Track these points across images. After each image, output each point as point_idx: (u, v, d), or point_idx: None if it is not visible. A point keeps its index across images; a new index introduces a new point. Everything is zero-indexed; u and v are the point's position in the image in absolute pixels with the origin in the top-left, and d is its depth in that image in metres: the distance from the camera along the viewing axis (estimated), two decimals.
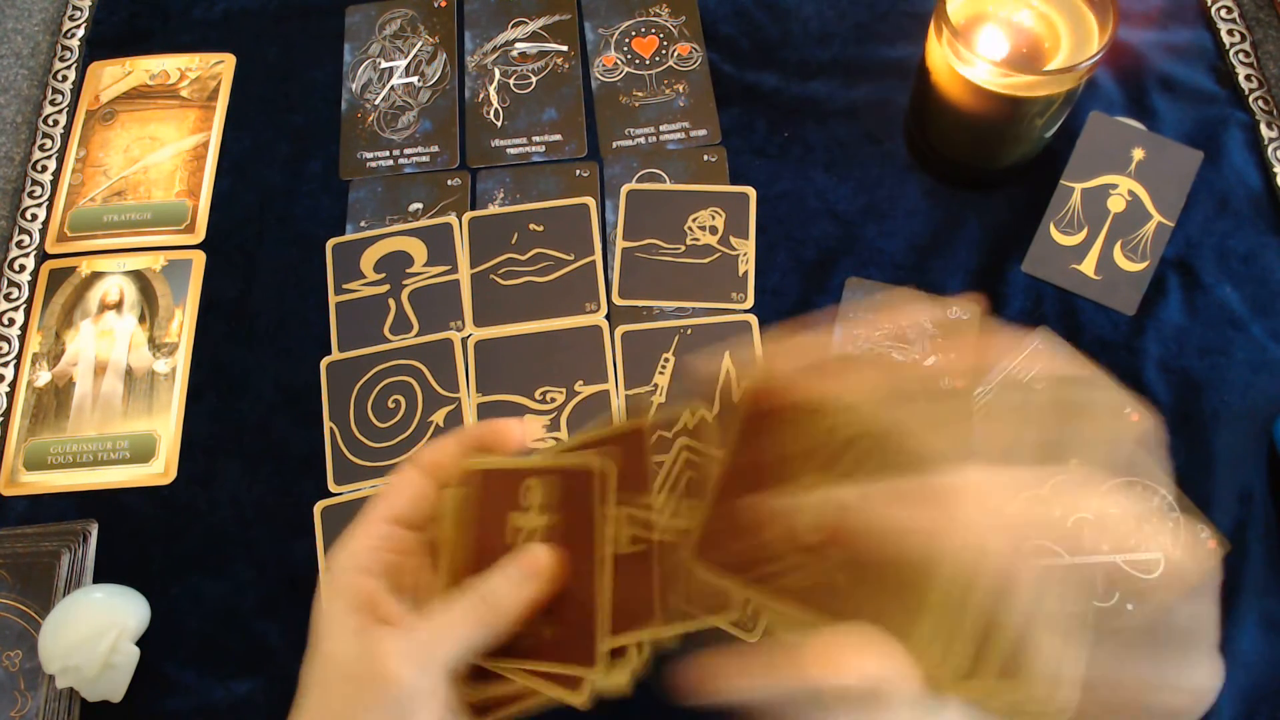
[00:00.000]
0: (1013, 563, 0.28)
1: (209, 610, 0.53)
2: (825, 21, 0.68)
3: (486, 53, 0.68)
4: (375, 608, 0.34)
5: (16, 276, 0.62)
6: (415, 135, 0.66)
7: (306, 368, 0.59)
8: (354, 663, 0.33)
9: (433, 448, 0.38)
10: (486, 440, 0.38)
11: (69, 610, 0.50)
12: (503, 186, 0.63)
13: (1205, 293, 0.57)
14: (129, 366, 0.59)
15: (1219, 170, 0.60)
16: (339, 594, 0.34)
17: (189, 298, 0.61)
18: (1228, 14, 0.65)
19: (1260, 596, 0.50)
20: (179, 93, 0.68)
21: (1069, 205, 0.59)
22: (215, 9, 0.71)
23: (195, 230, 0.63)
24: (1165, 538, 0.34)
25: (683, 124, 0.65)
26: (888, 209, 0.61)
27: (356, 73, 0.68)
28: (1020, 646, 0.28)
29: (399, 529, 0.36)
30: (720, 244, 0.60)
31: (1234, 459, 0.53)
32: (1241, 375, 0.55)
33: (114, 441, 0.57)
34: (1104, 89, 0.63)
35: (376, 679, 0.32)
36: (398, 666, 0.32)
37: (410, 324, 0.59)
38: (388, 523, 0.36)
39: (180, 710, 0.51)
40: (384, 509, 0.37)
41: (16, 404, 0.58)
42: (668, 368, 0.57)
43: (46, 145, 0.66)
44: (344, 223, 0.63)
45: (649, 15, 0.69)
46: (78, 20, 0.71)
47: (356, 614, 0.34)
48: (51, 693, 0.50)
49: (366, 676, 0.32)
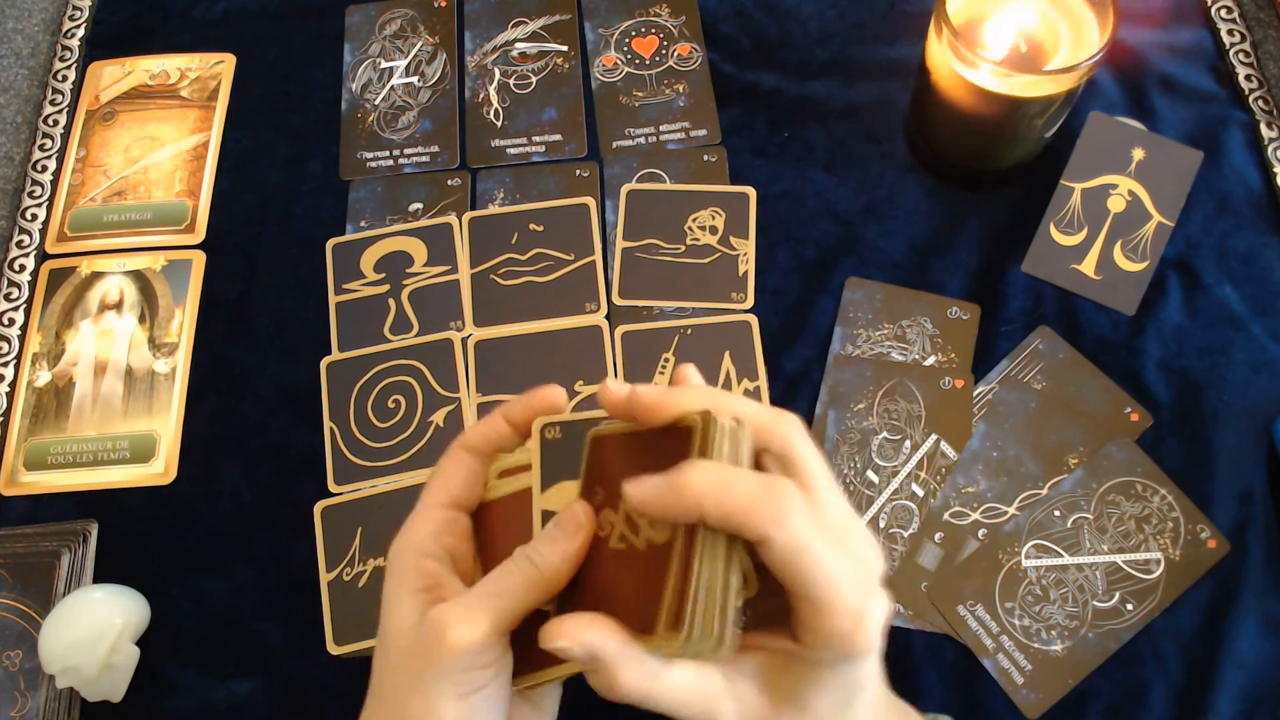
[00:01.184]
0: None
1: (209, 610, 0.53)
2: (825, 21, 0.68)
3: (486, 53, 0.68)
4: (439, 589, 0.35)
5: (16, 276, 0.62)
6: (415, 135, 0.66)
7: (306, 368, 0.59)
8: (414, 637, 0.33)
9: (479, 428, 0.38)
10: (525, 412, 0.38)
11: (69, 610, 0.50)
12: (503, 186, 0.63)
13: (1205, 293, 0.57)
14: (129, 366, 0.59)
15: (1219, 170, 0.60)
16: (401, 578, 0.35)
17: (189, 298, 0.61)
18: (1228, 14, 0.65)
19: (1260, 596, 0.50)
20: (179, 93, 0.68)
21: (1069, 205, 0.59)
22: (215, 9, 0.71)
23: (195, 230, 0.63)
24: None
25: (683, 124, 0.65)
26: (888, 209, 0.61)
27: (356, 73, 0.68)
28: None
29: (455, 512, 0.37)
30: (720, 244, 0.60)
31: (1234, 459, 0.53)
32: (1241, 375, 0.55)
33: (114, 441, 0.57)
34: (1104, 89, 0.63)
35: (435, 648, 0.32)
36: (455, 633, 0.32)
37: (410, 324, 0.59)
38: (444, 507, 0.37)
39: (180, 710, 0.51)
40: (439, 494, 0.37)
41: (16, 404, 0.58)
42: (668, 368, 0.57)
43: (46, 145, 0.66)
44: (344, 223, 0.63)
45: (649, 15, 0.69)
46: (78, 20, 0.71)
47: (418, 594, 0.34)
48: (51, 693, 0.50)
49: (426, 647, 0.32)
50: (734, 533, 0.30)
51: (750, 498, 0.29)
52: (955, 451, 0.54)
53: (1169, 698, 0.49)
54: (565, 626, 0.31)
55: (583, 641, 0.30)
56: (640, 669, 0.30)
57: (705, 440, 0.30)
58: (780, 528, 0.29)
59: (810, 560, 0.29)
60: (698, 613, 0.29)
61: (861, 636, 0.30)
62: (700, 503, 0.29)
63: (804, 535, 0.29)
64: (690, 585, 0.29)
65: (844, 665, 0.31)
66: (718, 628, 0.29)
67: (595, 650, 0.30)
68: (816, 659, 0.31)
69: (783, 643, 0.32)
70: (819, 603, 0.30)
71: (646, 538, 0.31)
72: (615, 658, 0.30)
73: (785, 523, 0.29)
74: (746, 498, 0.29)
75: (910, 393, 0.55)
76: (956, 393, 0.55)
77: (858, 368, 0.56)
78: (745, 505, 0.29)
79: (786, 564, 0.29)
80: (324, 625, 0.52)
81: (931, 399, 0.55)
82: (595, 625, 0.30)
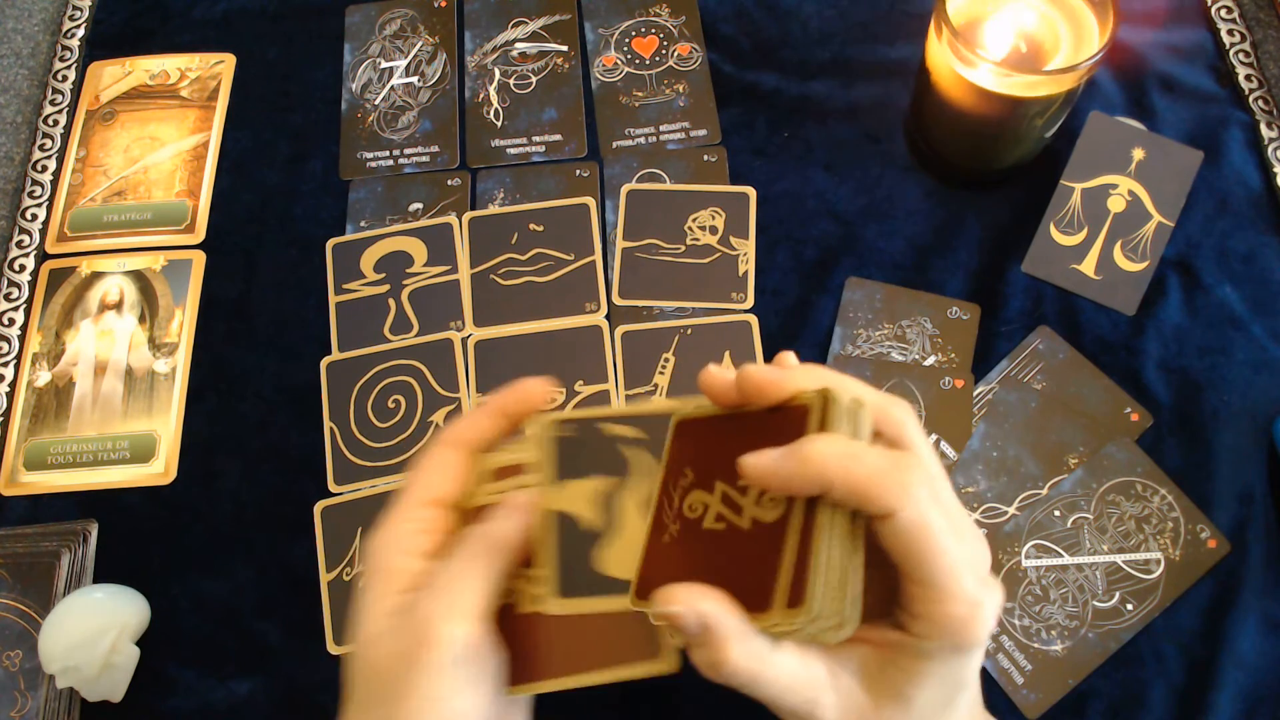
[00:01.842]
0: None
1: (209, 610, 0.53)
2: (825, 21, 0.68)
3: (486, 53, 0.68)
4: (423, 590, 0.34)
5: (16, 276, 0.62)
6: (415, 135, 0.66)
7: (306, 368, 0.59)
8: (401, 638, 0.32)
9: (463, 423, 0.37)
10: (511, 406, 0.37)
11: (69, 610, 0.50)
12: (503, 186, 0.63)
13: (1205, 293, 0.57)
14: (129, 366, 0.59)
15: (1219, 170, 0.60)
16: (384, 577, 0.34)
17: (189, 298, 0.61)
18: (1228, 14, 0.65)
19: (1260, 596, 0.50)
20: (179, 93, 0.68)
21: (1069, 205, 0.59)
22: (215, 9, 0.71)
23: (195, 230, 0.63)
24: None
25: (683, 124, 0.65)
26: (888, 209, 0.61)
27: (356, 73, 0.68)
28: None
29: (439, 510, 0.36)
30: (720, 244, 0.60)
31: (1234, 459, 0.53)
32: (1241, 375, 0.55)
33: (114, 441, 0.57)
34: (1104, 89, 0.63)
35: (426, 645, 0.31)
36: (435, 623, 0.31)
37: (410, 324, 0.59)
38: (427, 505, 0.36)
39: (180, 710, 0.51)
40: (420, 491, 0.36)
41: (16, 404, 0.58)
42: (668, 368, 0.57)
43: (46, 145, 0.66)
44: (344, 223, 0.63)
45: (649, 15, 0.69)
46: (78, 20, 0.71)
47: (402, 595, 0.33)
48: (51, 693, 0.50)
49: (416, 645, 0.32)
50: (858, 506, 0.29)
51: (878, 471, 0.28)
52: (955, 451, 0.54)
53: (1169, 698, 0.49)
54: (679, 592, 0.30)
55: (698, 609, 0.29)
56: (749, 648, 0.29)
57: (825, 417, 0.30)
58: (908, 503, 0.28)
59: (934, 541, 0.29)
60: (819, 589, 0.28)
61: (976, 626, 0.29)
62: (825, 473, 0.28)
63: (930, 514, 0.29)
64: (812, 560, 0.28)
65: (951, 658, 0.31)
66: (840, 606, 0.29)
67: (709, 620, 0.29)
68: (925, 650, 0.30)
69: (888, 634, 0.31)
70: (937, 587, 0.29)
71: (752, 516, 0.30)
72: (728, 631, 0.29)
73: (912, 499, 0.28)
74: (875, 470, 0.28)
75: (910, 393, 0.55)
76: (956, 393, 0.55)
77: (857, 368, 0.56)
78: (873, 477, 0.28)
79: (909, 544, 0.29)
80: (324, 625, 0.52)
81: (931, 399, 0.55)
82: (710, 595, 0.29)
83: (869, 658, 0.32)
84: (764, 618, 0.29)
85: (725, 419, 0.33)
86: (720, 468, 0.32)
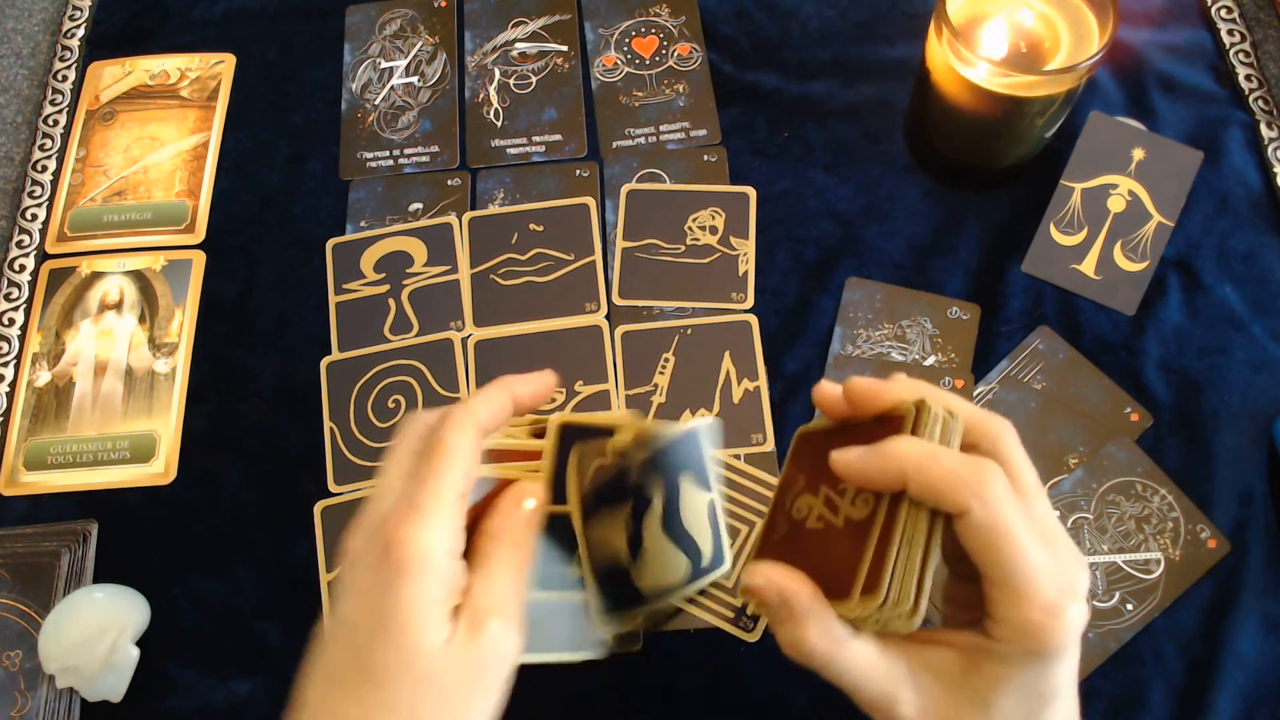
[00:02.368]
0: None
1: (209, 610, 0.53)
2: (825, 21, 0.68)
3: (486, 53, 0.68)
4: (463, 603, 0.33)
5: (16, 276, 0.62)
6: (415, 135, 0.66)
7: (306, 368, 0.59)
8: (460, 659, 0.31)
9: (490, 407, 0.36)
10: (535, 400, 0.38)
11: (69, 610, 0.50)
12: (503, 186, 0.63)
13: (1205, 293, 0.57)
14: (129, 366, 0.59)
15: (1219, 170, 0.60)
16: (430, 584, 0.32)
17: (189, 298, 0.61)
18: (1228, 14, 0.65)
19: (1260, 596, 0.50)
20: (179, 93, 0.68)
21: (1069, 205, 0.59)
22: (215, 9, 0.71)
23: (195, 230, 0.63)
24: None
25: (683, 124, 0.65)
26: (888, 209, 0.61)
27: (356, 73, 0.68)
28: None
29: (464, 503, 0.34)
30: (720, 244, 0.60)
31: (1234, 459, 0.53)
32: (1241, 375, 0.55)
33: (114, 441, 0.57)
34: (1104, 89, 0.63)
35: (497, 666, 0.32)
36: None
37: (410, 324, 0.59)
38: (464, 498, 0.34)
39: (180, 710, 0.51)
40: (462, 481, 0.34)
41: (16, 404, 0.58)
42: (668, 368, 0.57)
43: (46, 145, 0.66)
44: (344, 223, 0.63)
45: (649, 15, 0.69)
46: (78, 20, 0.71)
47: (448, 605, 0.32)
48: (51, 693, 0.50)
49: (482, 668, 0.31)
50: (935, 504, 0.30)
51: (953, 470, 0.30)
52: None
53: (1169, 698, 0.49)
54: (762, 568, 0.32)
55: (778, 585, 0.31)
56: (827, 630, 0.31)
57: (917, 423, 0.32)
58: (981, 502, 0.29)
59: (1010, 543, 0.29)
60: (895, 579, 0.30)
61: (1054, 633, 0.30)
62: (903, 468, 0.30)
63: (1006, 515, 0.29)
64: (889, 552, 0.30)
65: (1034, 666, 0.31)
66: (913, 596, 0.30)
67: (788, 594, 0.31)
68: (1004, 654, 0.31)
69: (973, 639, 0.32)
70: (1014, 589, 0.30)
71: (846, 515, 0.33)
72: (805, 608, 0.31)
73: (987, 498, 0.29)
74: (950, 469, 0.30)
75: None
76: (956, 393, 0.55)
77: (858, 368, 0.56)
78: (948, 476, 0.30)
79: (984, 543, 0.29)
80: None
81: None
82: (792, 575, 0.32)
83: (954, 661, 0.32)
84: (843, 605, 0.31)
85: (836, 431, 0.36)
86: (825, 473, 0.34)
